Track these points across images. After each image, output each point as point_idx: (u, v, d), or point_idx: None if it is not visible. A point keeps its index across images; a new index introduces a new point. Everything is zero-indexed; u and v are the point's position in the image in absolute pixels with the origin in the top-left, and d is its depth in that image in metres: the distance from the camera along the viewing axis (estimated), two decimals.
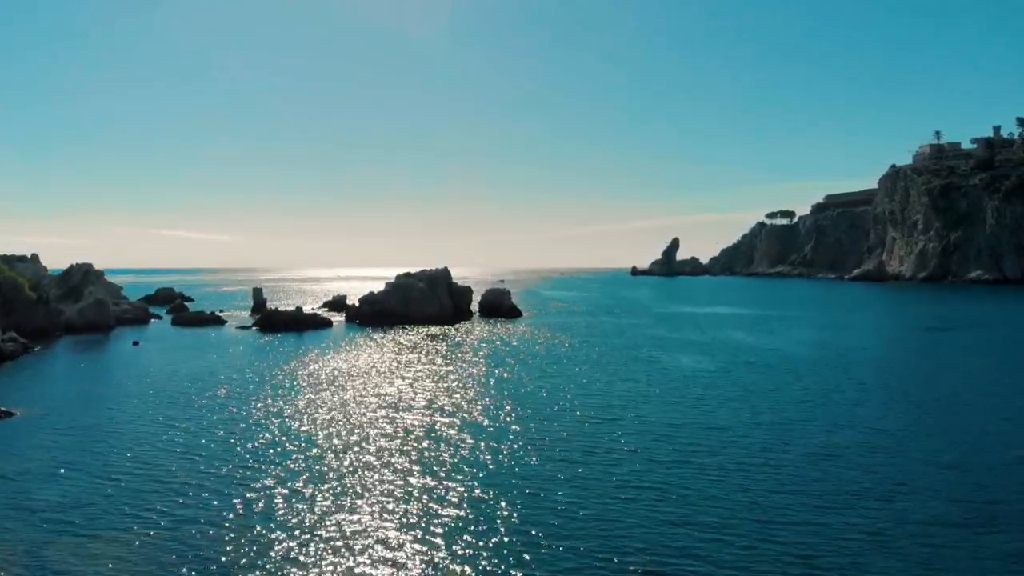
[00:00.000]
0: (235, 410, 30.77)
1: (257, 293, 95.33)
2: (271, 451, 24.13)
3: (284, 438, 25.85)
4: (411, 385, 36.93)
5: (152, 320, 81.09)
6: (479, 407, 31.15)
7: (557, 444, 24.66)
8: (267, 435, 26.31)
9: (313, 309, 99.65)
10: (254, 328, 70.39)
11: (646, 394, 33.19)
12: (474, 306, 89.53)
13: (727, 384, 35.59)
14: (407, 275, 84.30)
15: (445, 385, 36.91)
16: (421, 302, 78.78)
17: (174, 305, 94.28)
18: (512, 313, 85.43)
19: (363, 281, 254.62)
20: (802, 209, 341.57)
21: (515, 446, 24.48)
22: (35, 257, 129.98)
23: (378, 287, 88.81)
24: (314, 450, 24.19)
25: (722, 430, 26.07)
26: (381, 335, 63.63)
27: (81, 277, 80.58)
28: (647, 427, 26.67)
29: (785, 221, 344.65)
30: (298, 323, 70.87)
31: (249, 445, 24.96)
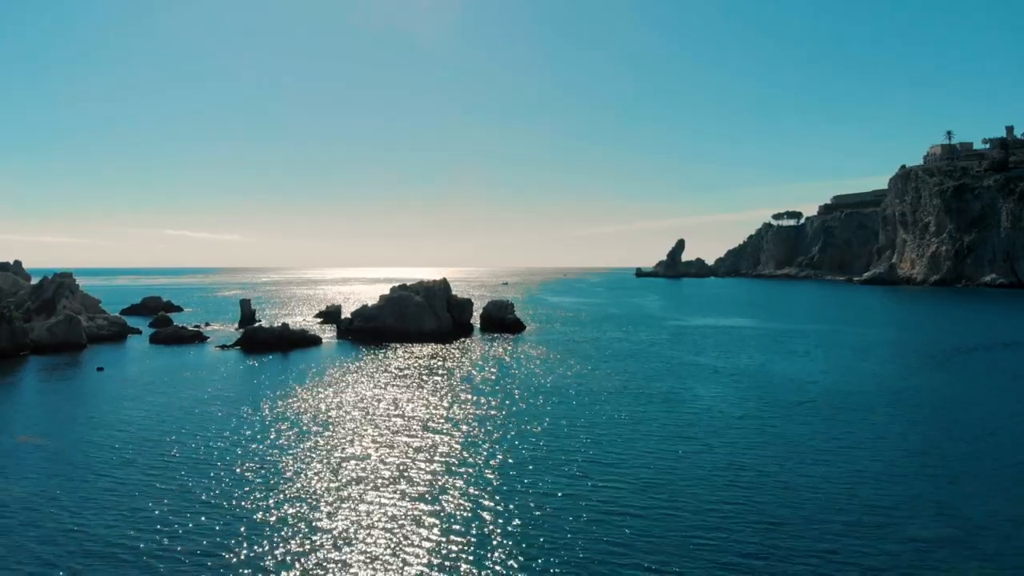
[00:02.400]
0: (186, 483, 25.38)
1: (245, 305, 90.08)
2: (224, 541, 18.86)
3: (246, 515, 20.56)
4: (393, 432, 31.55)
5: (130, 336, 75.98)
6: (464, 469, 25.82)
7: (554, 547, 19.36)
8: (220, 514, 21.02)
9: (306, 320, 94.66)
10: (236, 348, 65.14)
11: (668, 458, 27.51)
12: (475, 318, 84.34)
13: (766, 440, 29.88)
14: (403, 287, 79.06)
15: (431, 433, 31.53)
16: (418, 317, 73.52)
17: (157, 318, 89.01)
18: (515, 327, 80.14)
19: (369, 284, 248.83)
20: (809, 210, 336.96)
21: (500, 539, 19.23)
22: (17, 264, 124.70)
23: (381, 290, 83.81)
24: (282, 533, 18.95)
25: (773, 526, 20.25)
26: (372, 356, 58.34)
27: (54, 290, 75.42)
28: (673, 520, 21.07)
29: (792, 222, 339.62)
30: (284, 342, 65.57)
31: (191, 546, 19.68)
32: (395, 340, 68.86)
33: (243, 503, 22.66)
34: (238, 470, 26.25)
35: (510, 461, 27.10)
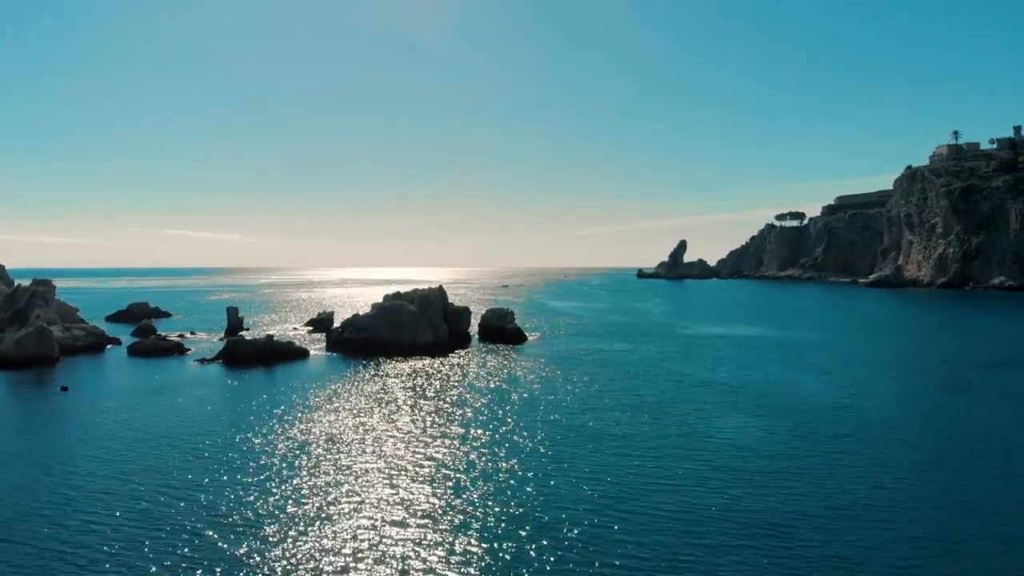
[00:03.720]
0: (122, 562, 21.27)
1: (232, 313, 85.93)
2: None
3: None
4: (372, 471, 27.35)
5: (108, 347, 71.87)
6: (444, 521, 21.73)
7: None
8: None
9: (295, 329, 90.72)
10: (217, 361, 61.01)
11: (689, 519, 23.05)
12: (474, 326, 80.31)
13: (807, 490, 25.28)
14: (396, 295, 75.00)
15: (412, 474, 27.37)
16: (412, 327, 69.42)
17: (140, 326, 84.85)
18: (515, 337, 75.97)
19: (367, 287, 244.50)
20: (810, 210, 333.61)
21: None
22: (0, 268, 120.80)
23: (379, 293, 80.00)
24: None
25: None
26: (360, 373, 54.21)
27: (27, 300, 71.33)
28: None
29: (795, 223, 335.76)
30: (267, 355, 61.45)
31: None
32: (388, 352, 64.73)
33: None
34: (192, 532, 22.12)
35: (499, 521, 22.99)
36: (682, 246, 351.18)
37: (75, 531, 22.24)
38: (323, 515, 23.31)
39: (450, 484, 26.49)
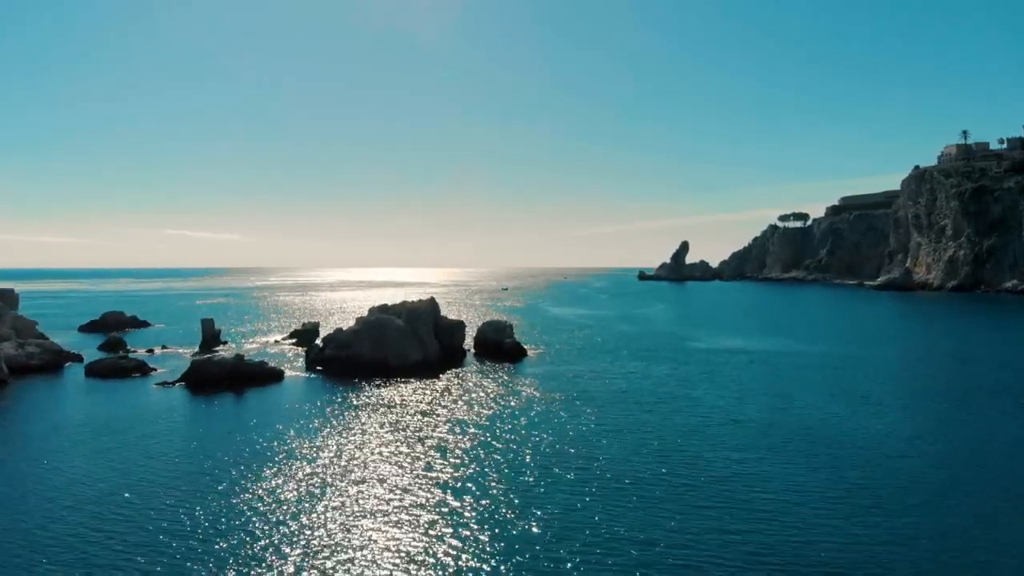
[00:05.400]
0: None
1: (207, 325, 79.57)
2: None
3: None
4: (328, 546, 21.14)
5: (68, 364, 65.50)
6: None
7: None
8: None
9: (277, 342, 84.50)
10: (180, 384, 54.70)
11: None
12: (469, 340, 74.16)
13: None
14: (383, 308, 68.77)
15: (381, 533, 21.15)
16: (399, 344, 63.13)
17: (108, 339, 78.58)
18: (514, 353, 69.73)
19: (364, 290, 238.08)
20: (812, 209, 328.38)
21: None
22: None
23: (378, 296, 74.11)
24: None
25: None
26: (337, 400, 47.88)
27: None
28: None
29: (798, 224, 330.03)
30: (237, 378, 55.07)
31: None
32: (373, 372, 58.43)
33: None
34: None
35: None
36: (684, 247, 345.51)
37: None
38: None
39: (418, 553, 20.23)
